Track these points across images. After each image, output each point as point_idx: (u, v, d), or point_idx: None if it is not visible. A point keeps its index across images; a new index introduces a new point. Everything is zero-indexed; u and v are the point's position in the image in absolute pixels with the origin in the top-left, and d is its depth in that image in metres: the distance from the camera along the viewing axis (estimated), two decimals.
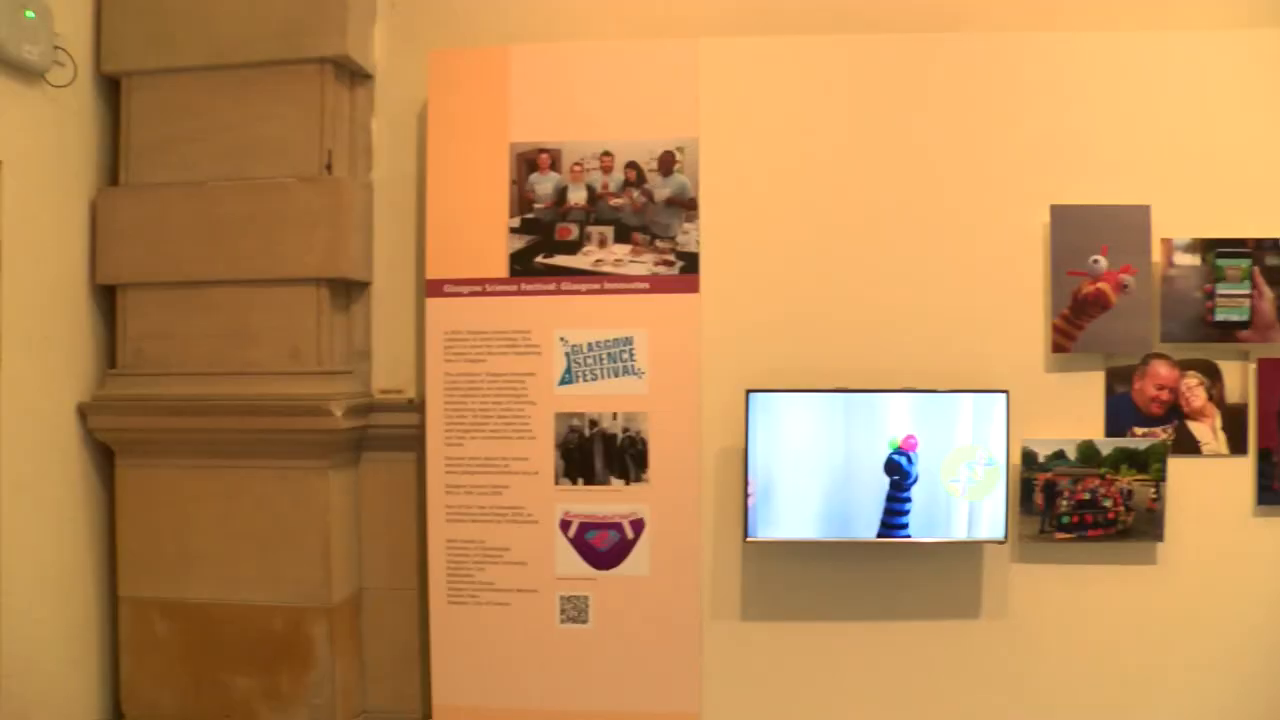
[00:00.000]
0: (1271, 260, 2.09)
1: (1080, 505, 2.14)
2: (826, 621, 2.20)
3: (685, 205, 2.22)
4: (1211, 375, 2.12)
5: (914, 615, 2.19)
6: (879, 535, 2.08)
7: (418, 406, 2.31)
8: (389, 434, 2.36)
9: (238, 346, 2.28)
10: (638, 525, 2.21)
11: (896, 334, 2.18)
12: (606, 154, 2.23)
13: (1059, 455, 2.11)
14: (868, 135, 2.19)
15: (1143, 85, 2.17)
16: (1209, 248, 2.10)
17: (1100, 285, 2.13)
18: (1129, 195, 2.12)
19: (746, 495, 2.10)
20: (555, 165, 2.24)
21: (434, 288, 2.27)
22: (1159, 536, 2.10)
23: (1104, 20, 2.26)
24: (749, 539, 2.12)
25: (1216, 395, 2.13)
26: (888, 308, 2.18)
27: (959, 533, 2.08)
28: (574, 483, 2.22)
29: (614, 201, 2.24)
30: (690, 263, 2.21)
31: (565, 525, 2.23)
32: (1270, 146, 2.15)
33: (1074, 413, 2.13)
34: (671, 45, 2.25)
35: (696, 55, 2.22)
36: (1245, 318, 2.08)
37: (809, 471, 2.10)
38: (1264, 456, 2.11)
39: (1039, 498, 2.11)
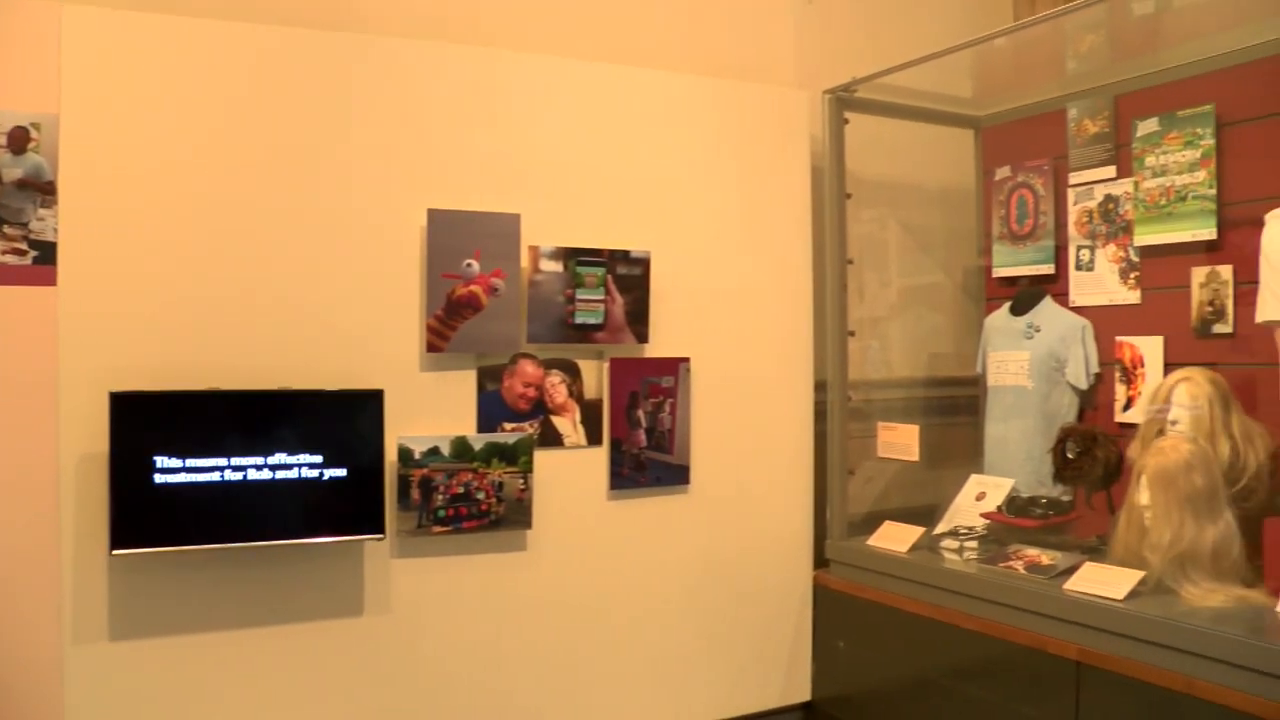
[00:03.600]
0: (622, 270, 2.97)
1: (455, 499, 2.83)
2: (209, 634, 2.65)
3: (41, 189, 2.55)
4: (572, 373, 2.96)
5: (298, 618, 2.72)
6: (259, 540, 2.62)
7: None
8: None
9: None
10: None
11: (276, 332, 2.69)
12: None
13: (434, 452, 2.80)
14: (253, 127, 2.68)
15: (518, 102, 2.94)
16: (570, 256, 2.92)
17: (473, 288, 2.86)
18: (502, 203, 2.87)
19: (111, 504, 2.46)
20: None
21: None
22: (528, 524, 2.87)
23: (490, 36, 3.03)
24: (115, 552, 2.50)
25: (576, 391, 2.97)
26: (269, 306, 2.68)
27: (339, 532, 2.68)
28: None
29: None
30: (46, 253, 2.54)
31: None
32: (624, 170, 3.06)
33: (448, 410, 2.84)
34: (29, 6, 2.52)
35: (60, 21, 2.53)
36: (600, 320, 2.95)
37: (186, 476, 2.55)
38: (615, 446, 3.00)
39: (416, 493, 2.76)
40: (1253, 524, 2.57)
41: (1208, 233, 2.96)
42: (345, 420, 2.73)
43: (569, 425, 2.99)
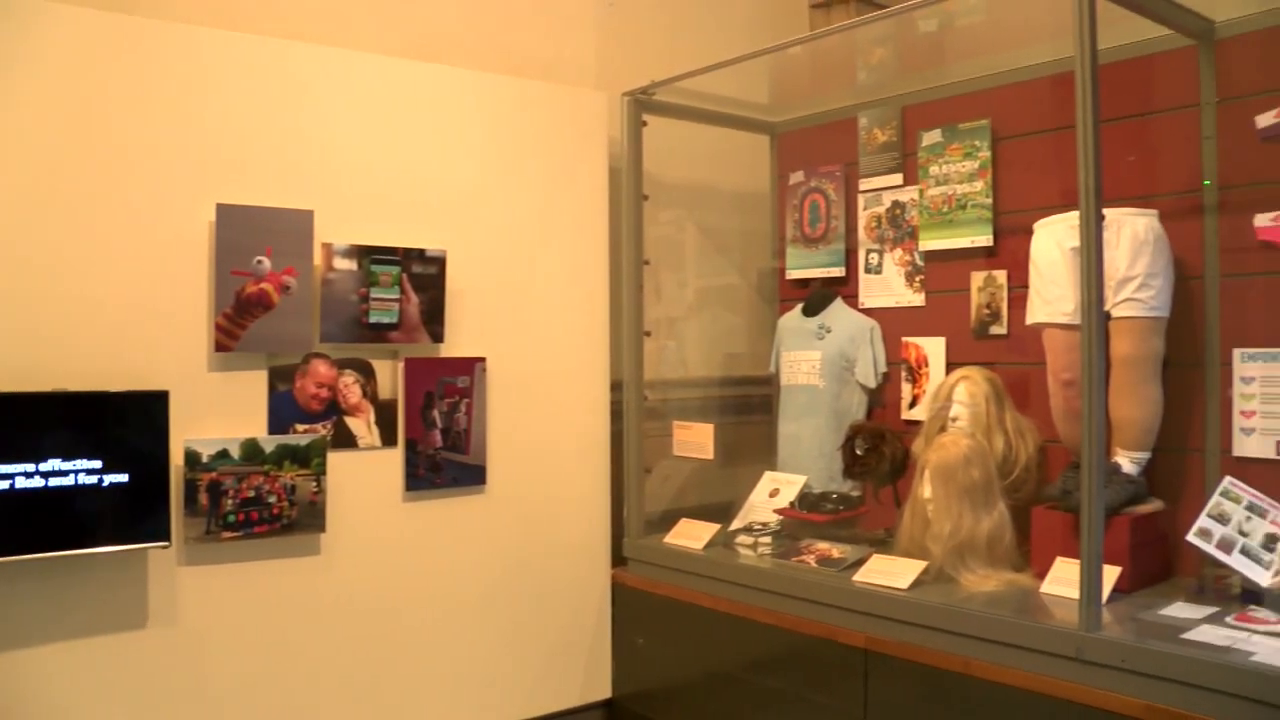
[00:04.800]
0: (417, 268, 3.17)
1: (246, 503, 2.95)
2: None
3: None
4: (366, 373, 3.14)
5: (78, 634, 2.78)
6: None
7: None
8: None
9: None
10: None
11: (55, 331, 2.74)
12: None
13: (223, 454, 2.92)
14: (27, 115, 2.72)
15: (312, 95, 3.09)
16: (365, 254, 3.09)
17: (263, 286, 2.98)
18: (294, 199, 3.02)
19: None
20: None
21: None
22: (322, 528, 3.03)
23: (284, 27, 3.17)
24: None
25: (371, 392, 3.14)
26: (47, 302, 2.73)
27: (120, 541, 2.77)
28: None
29: None
30: None
31: None
32: (421, 168, 3.26)
33: (238, 411, 2.97)
34: None
35: None
36: (395, 320, 3.14)
37: None
38: (410, 447, 3.20)
39: (204, 498, 2.88)
40: (1022, 513, 3.01)
41: (985, 239, 3.43)
42: (127, 423, 2.82)
43: (363, 426, 3.23)
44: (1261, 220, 2.79)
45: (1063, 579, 2.66)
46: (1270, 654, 2.18)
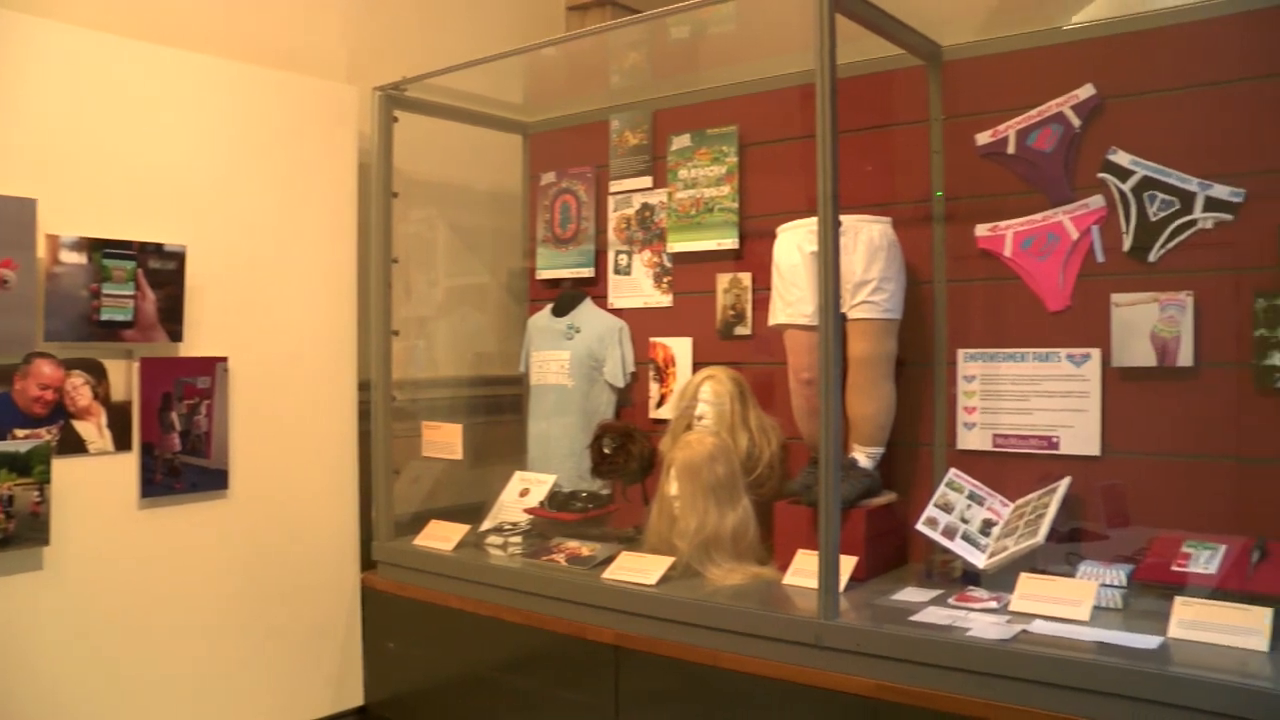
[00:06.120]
0: (154, 263, 3.02)
1: None
2: None
3: None
4: (97, 374, 2.94)
5: None
6: None
7: None
8: None
9: None
10: None
11: None
12: None
13: None
14: None
15: (35, 74, 2.88)
16: (96, 247, 2.91)
17: None
18: (14, 187, 2.80)
19: None
20: None
21: None
22: (45, 541, 2.82)
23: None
24: None
25: (102, 394, 2.95)
26: None
27: None
28: None
29: None
30: None
31: None
32: (159, 158, 3.10)
33: None
34: None
35: None
36: (130, 317, 2.96)
37: None
38: (147, 451, 3.04)
39: None
40: (766, 508, 3.16)
41: (731, 242, 3.59)
42: None
43: (93, 430, 3.04)
44: (981, 230, 3.07)
45: (804, 570, 2.81)
46: (984, 629, 2.40)
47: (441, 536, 3.59)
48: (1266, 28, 2.64)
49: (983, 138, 3.06)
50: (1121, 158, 2.82)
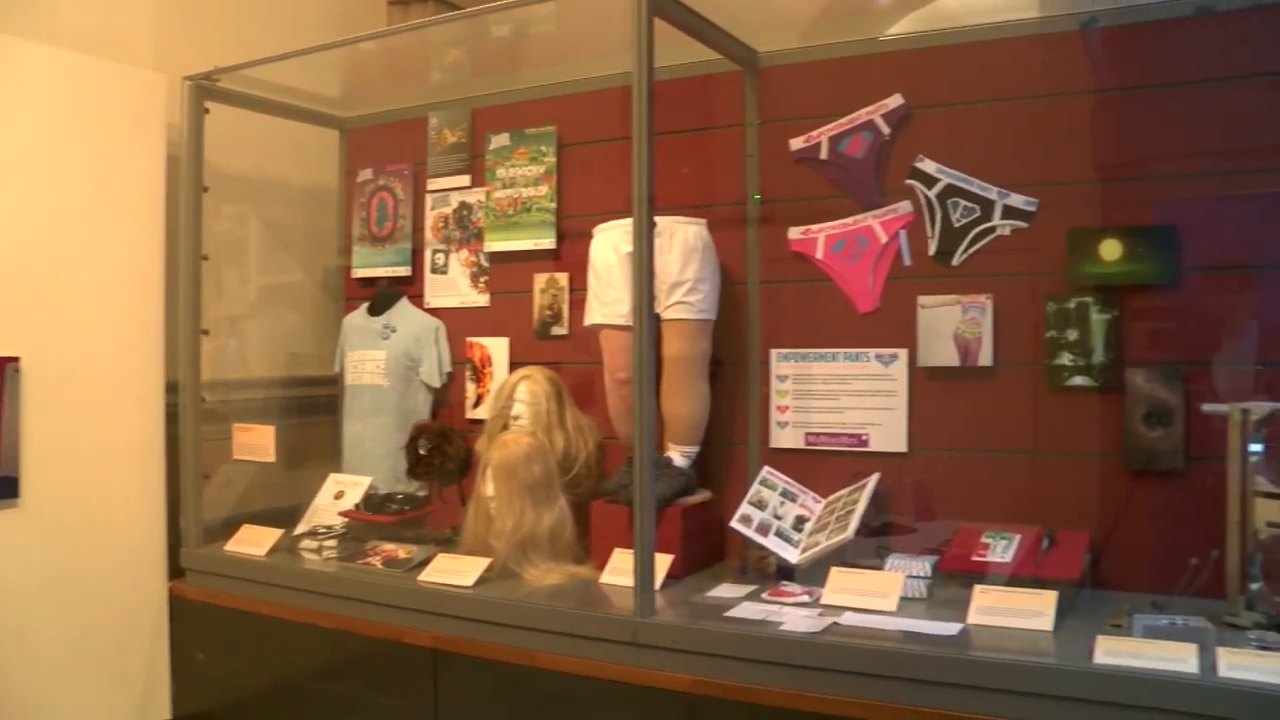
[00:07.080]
0: None
1: None
2: None
3: None
4: None
5: None
6: None
7: None
8: None
9: None
10: None
11: None
12: None
13: None
14: None
15: None
16: None
17: None
18: None
19: None
20: None
21: None
22: None
23: None
24: None
25: None
26: None
27: None
28: None
29: None
30: None
31: None
32: None
33: None
34: None
35: None
36: None
37: None
38: None
39: None
40: (583, 508, 3.17)
41: (548, 242, 3.60)
42: None
43: None
44: (794, 233, 3.16)
45: (620, 569, 2.83)
46: (796, 622, 2.47)
47: (254, 541, 3.47)
48: (1059, 50, 2.82)
49: (797, 143, 3.16)
50: (928, 165, 2.95)
